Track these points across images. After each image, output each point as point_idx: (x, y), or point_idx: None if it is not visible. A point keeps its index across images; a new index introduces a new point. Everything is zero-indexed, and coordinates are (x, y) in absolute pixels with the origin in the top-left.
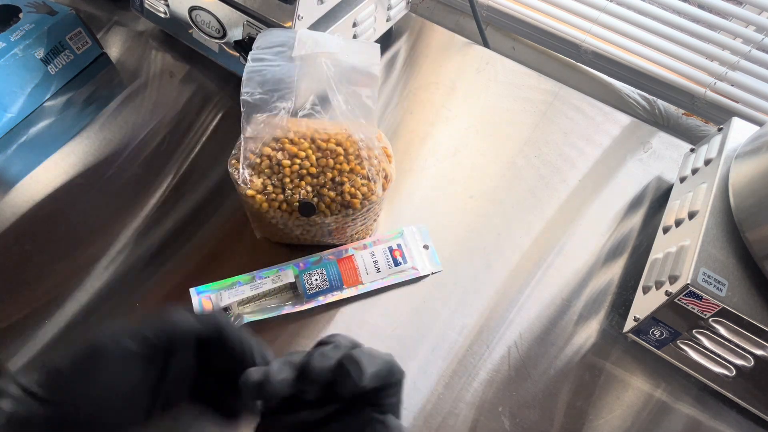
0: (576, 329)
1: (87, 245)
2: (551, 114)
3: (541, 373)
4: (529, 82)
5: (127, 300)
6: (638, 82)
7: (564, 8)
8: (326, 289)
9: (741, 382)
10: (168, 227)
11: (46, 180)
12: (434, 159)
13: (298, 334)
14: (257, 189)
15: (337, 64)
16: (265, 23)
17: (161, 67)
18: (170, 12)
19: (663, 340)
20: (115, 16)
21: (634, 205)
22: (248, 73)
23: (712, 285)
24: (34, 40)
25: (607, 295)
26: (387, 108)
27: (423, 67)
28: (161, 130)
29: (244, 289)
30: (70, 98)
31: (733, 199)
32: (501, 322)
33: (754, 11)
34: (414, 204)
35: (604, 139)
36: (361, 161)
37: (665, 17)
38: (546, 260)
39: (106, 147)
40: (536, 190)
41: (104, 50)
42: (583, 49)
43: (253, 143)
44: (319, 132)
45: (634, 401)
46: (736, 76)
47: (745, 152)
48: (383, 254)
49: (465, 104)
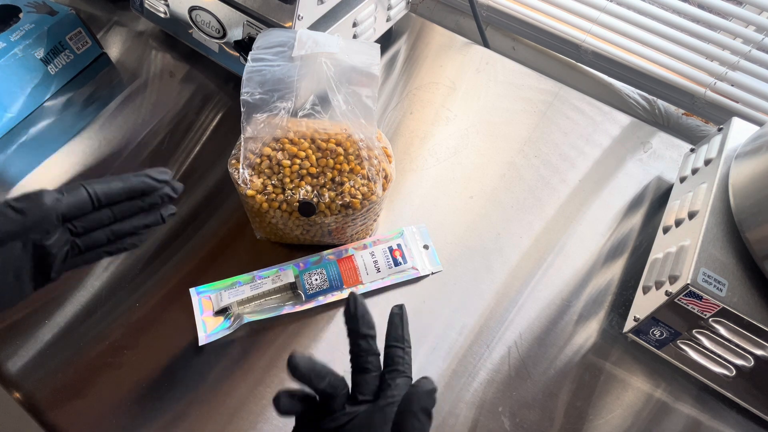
0: (576, 329)
1: None
2: (551, 114)
3: (541, 373)
4: (529, 82)
5: (127, 300)
6: (638, 82)
7: (564, 8)
8: (326, 289)
9: (741, 382)
10: (168, 227)
11: (46, 180)
12: (434, 159)
13: (298, 334)
14: (257, 189)
15: (337, 64)
16: (265, 23)
17: (161, 67)
18: (170, 12)
19: (663, 340)
20: (115, 16)
21: (634, 205)
22: (248, 73)
23: (712, 285)
24: (34, 40)
25: (607, 295)
26: (387, 108)
27: (423, 67)
28: (161, 130)
29: (244, 289)
30: (70, 98)
31: (733, 199)
32: (501, 322)
33: (754, 11)
34: (414, 204)
35: (603, 139)
36: (361, 161)
37: (665, 17)
38: (546, 260)
39: (106, 147)
40: (536, 190)
41: (104, 50)
42: (583, 49)
43: (253, 143)
44: (319, 132)
45: (634, 401)
46: (736, 76)
47: (745, 152)
48: (383, 254)
49: (465, 104)
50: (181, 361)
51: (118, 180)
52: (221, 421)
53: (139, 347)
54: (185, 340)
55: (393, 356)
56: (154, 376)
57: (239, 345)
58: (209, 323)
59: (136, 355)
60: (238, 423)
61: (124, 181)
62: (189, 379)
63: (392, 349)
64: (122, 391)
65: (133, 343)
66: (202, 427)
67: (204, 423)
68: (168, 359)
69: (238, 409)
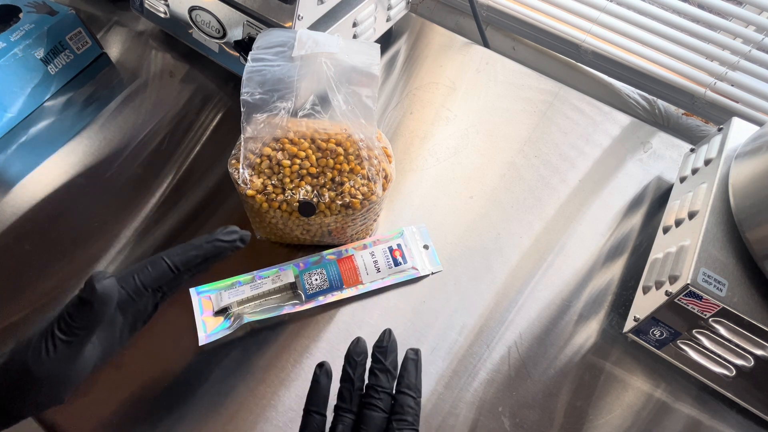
0: (576, 329)
1: (87, 245)
2: (551, 114)
3: (541, 373)
4: (529, 82)
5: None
6: (638, 82)
7: (564, 8)
8: (326, 289)
9: (741, 382)
10: (168, 227)
11: (46, 180)
12: (434, 159)
13: (298, 334)
14: (257, 189)
15: (337, 64)
16: (265, 23)
17: (161, 67)
18: (170, 12)
19: (663, 340)
20: (115, 16)
21: (634, 205)
22: (248, 73)
23: (712, 285)
24: (34, 40)
25: (607, 295)
26: (387, 108)
27: (423, 67)
28: (161, 130)
29: (244, 289)
30: (70, 98)
31: (733, 199)
32: (501, 322)
33: (754, 11)
34: (414, 204)
35: (603, 139)
36: (361, 161)
37: (665, 17)
38: (546, 260)
39: (106, 147)
40: (536, 190)
41: (104, 50)
42: (583, 49)
43: (253, 143)
44: (319, 132)
45: (634, 401)
46: (736, 76)
47: (745, 152)
48: (383, 254)
49: (465, 104)
50: (181, 361)
51: (193, 249)
52: (221, 421)
53: (139, 347)
54: (185, 340)
55: (403, 404)
56: (154, 376)
57: (239, 345)
58: (209, 323)
59: (135, 355)
60: (238, 423)
61: (198, 249)
62: (189, 379)
63: (404, 397)
64: (122, 391)
65: (132, 343)
66: (202, 427)
67: (204, 423)
68: (168, 359)
69: (238, 409)
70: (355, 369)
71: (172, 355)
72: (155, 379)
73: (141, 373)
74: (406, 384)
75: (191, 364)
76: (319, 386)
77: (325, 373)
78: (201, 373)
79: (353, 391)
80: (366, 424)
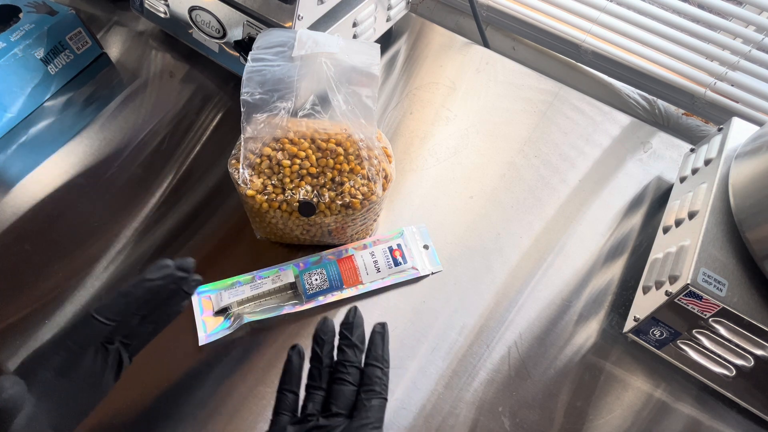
0: (576, 329)
1: (87, 245)
2: (551, 114)
3: (541, 373)
4: (529, 82)
5: None
6: (638, 82)
7: (564, 8)
8: (326, 289)
9: (741, 382)
10: (168, 227)
11: (46, 180)
12: (434, 159)
13: (298, 334)
14: (257, 189)
15: (337, 64)
16: (265, 23)
17: (161, 67)
18: (170, 12)
19: (663, 340)
20: (115, 16)
21: (634, 205)
22: (248, 73)
23: (712, 285)
24: (34, 40)
25: (607, 295)
26: (387, 108)
27: (423, 67)
28: (161, 130)
29: (244, 289)
30: (70, 98)
31: (733, 199)
32: (501, 322)
33: (754, 11)
34: (414, 204)
35: (603, 139)
36: (361, 161)
37: (665, 17)
38: (546, 260)
39: (106, 147)
40: (536, 190)
41: (104, 50)
42: (583, 49)
43: (253, 143)
44: (319, 132)
45: (634, 401)
46: (736, 76)
47: (745, 152)
48: (383, 254)
49: (465, 104)
50: (181, 361)
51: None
52: (221, 421)
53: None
54: (185, 340)
55: (371, 375)
56: (153, 376)
57: (239, 345)
58: (209, 323)
59: (135, 354)
60: (238, 423)
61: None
62: (189, 379)
63: (371, 368)
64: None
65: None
66: (202, 427)
67: (204, 423)
68: (168, 359)
69: (238, 409)
70: (323, 347)
71: (172, 355)
72: (155, 379)
73: (141, 373)
74: (373, 356)
75: (191, 364)
76: (292, 365)
77: (297, 353)
78: (201, 373)
79: (322, 368)
80: (335, 398)
